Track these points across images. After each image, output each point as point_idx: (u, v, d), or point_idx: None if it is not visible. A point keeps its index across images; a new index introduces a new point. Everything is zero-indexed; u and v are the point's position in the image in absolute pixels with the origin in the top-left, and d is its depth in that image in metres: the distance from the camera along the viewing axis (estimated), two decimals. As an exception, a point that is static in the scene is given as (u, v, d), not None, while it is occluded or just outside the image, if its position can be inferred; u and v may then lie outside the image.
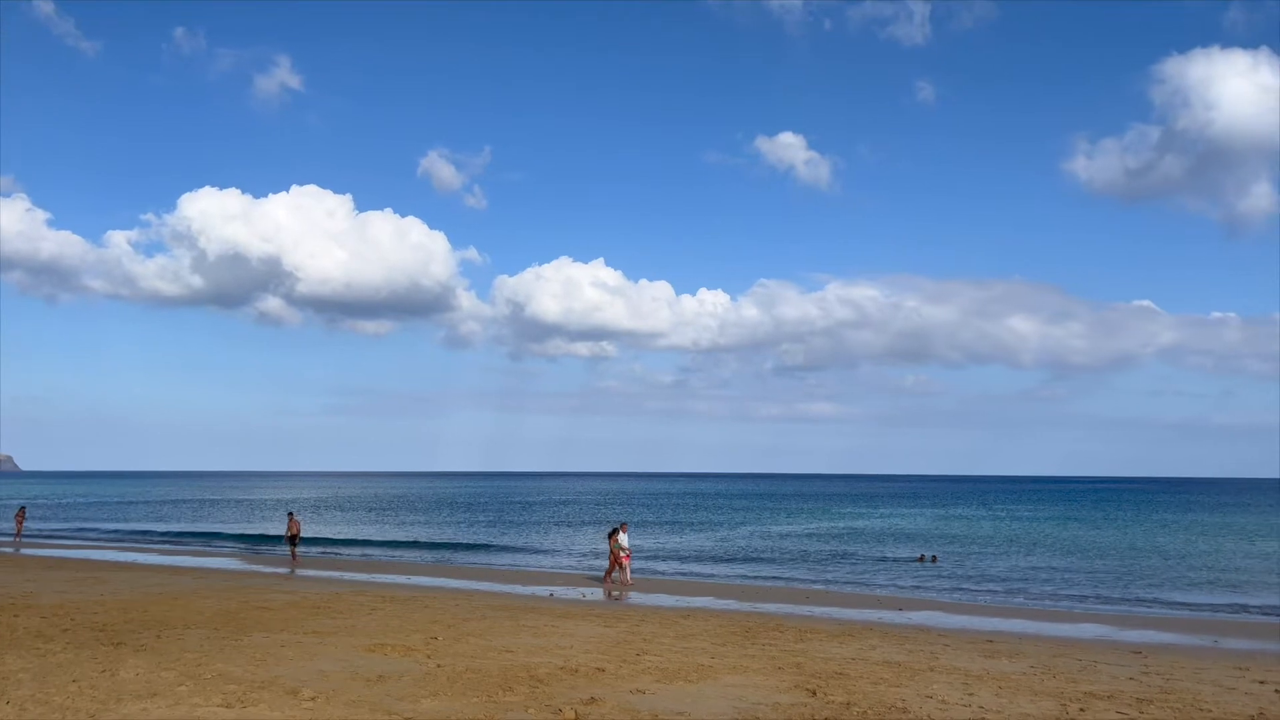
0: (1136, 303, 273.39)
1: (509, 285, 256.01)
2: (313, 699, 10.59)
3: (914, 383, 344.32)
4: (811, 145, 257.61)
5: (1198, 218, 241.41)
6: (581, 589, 25.89)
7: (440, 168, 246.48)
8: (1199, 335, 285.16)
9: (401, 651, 13.84)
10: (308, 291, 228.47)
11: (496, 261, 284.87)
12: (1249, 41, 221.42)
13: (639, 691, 11.39)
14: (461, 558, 39.61)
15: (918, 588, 28.83)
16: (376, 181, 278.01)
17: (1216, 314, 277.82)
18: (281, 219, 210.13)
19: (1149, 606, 25.52)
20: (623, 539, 27.55)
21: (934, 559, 37.32)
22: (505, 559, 38.81)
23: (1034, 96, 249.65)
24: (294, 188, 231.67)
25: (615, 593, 25.48)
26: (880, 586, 29.28)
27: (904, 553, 41.00)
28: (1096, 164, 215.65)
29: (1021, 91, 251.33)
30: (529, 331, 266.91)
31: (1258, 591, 28.80)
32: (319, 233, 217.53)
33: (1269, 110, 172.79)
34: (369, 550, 43.11)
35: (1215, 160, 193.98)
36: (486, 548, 44.44)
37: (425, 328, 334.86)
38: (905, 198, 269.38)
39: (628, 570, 27.40)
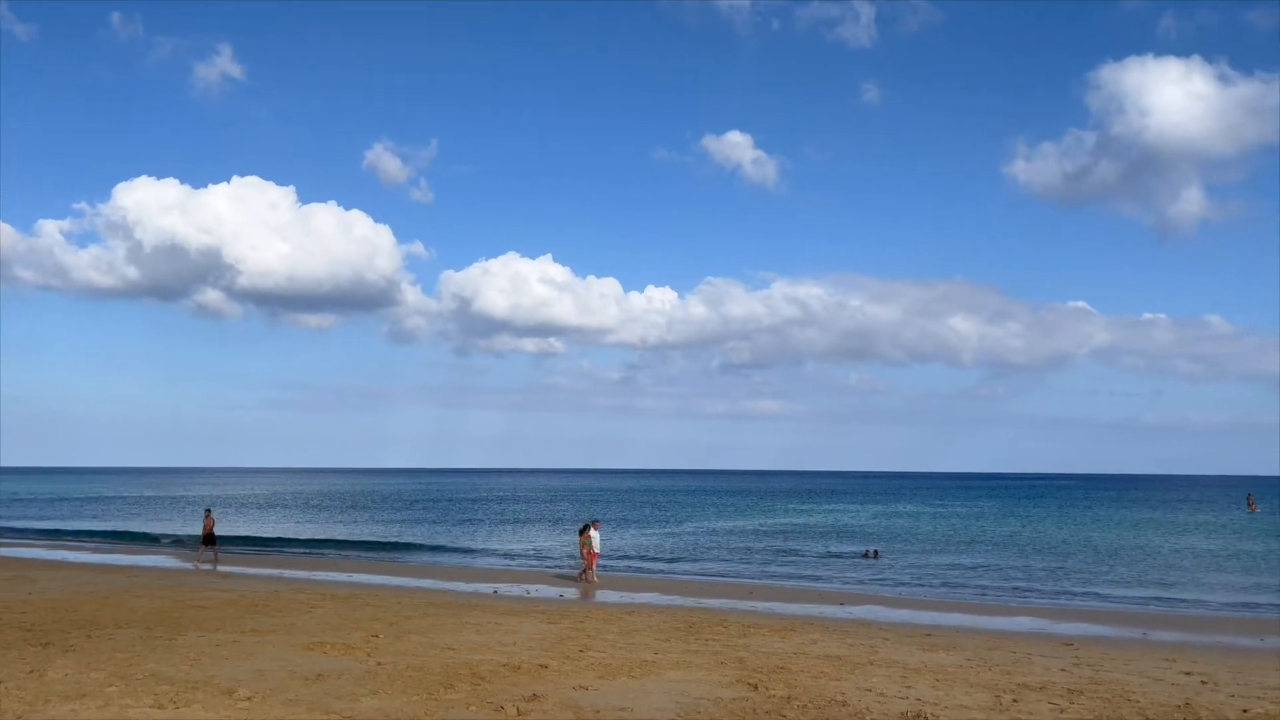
0: (1072, 304, 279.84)
1: (455, 280, 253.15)
2: (249, 699, 10.41)
3: (858, 380, 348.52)
4: (759, 144, 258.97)
5: (1131, 222, 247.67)
6: (526, 585, 25.78)
7: (386, 160, 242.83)
8: (1131, 336, 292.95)
9: (341, 650, 13.67)
10: (249, 284, 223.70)
11: (443, 256, 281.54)
12: (1181, 50, 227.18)
13: (582, 688, 11.38)
14: (405, 555, 39.21)
15: (860, 583, 29.22)
16: (320, 173, 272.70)
17: (1148, 315, 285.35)
18: (222, 210, 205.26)
19: (1081, 600, 26.18)
20: (594, 537, 27.20)
21: (876, 554, 37.83)
22: (449, 556, 38.50)
23: (976, 100, 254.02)
24: (235, 179, 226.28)
25: (585, 590, 25.21)
26: (823, 581, 29.62)
27: (847, 548, 41.51)
28: (1035, 167, 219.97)
29: (964, 95, 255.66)
30: (475, 327, 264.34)
31: (1185, 585, 29.69)
32: (261, 225, 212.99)
33: (1200, 118, 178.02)
34: (310, 548, 42.45)
35: (1148, 166, 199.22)
36: (430, 546, 44.01)
37: (369, 322, 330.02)
38: (850, 198, 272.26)
39: (594, 570, 27.06)
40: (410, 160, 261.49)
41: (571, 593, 24.51)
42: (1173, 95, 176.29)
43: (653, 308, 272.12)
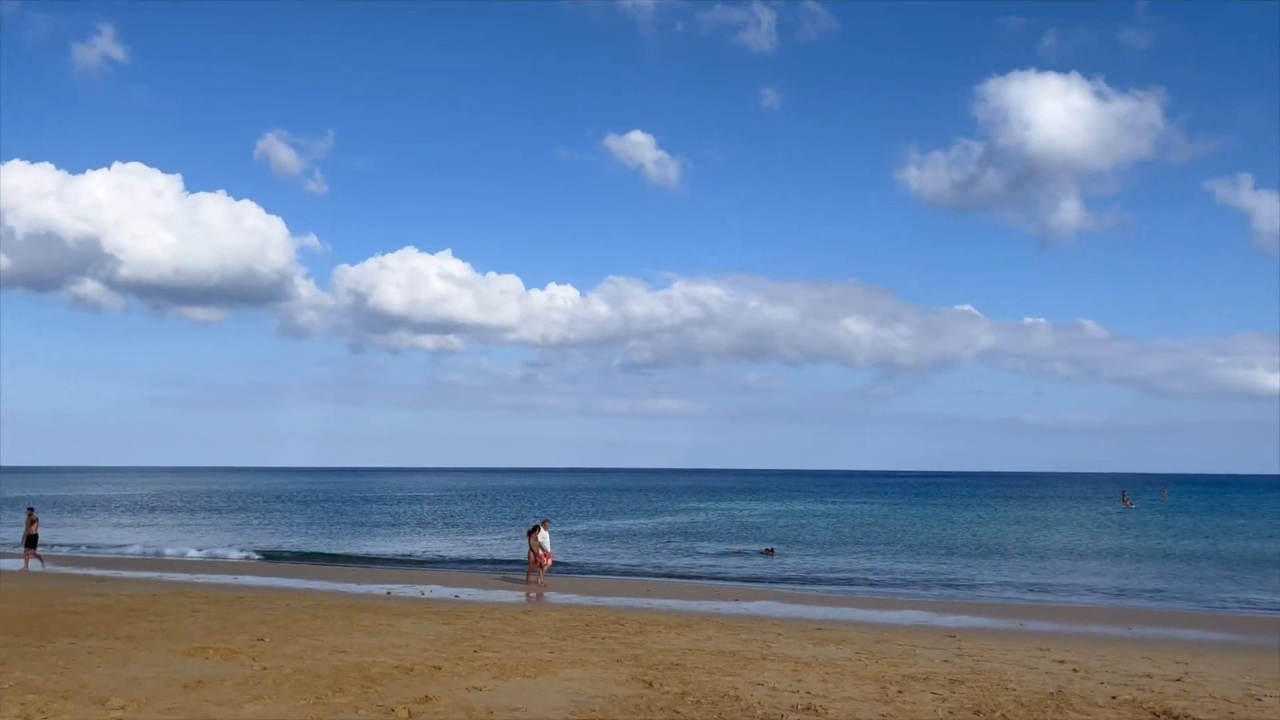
0: (959, 307, 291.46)
1: (350, 274, 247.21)
2: (122, 707, 9.95)
3: (755, 380, 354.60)
4: (661, 145, 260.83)
5: (1014, 230, 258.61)
6: (421, 586, 25.37)
7: (279, 150, 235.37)
8: (1013, 339, 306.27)
9: (224, 654, 13.19)
10: (131, 276, 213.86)
11: (338, 249, 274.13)
12: (1061, 67, 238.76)
13: (475, 688, 11.25)
14: (295, 554, 38.06)
15: (755, 580, 29.69)
16: (209, 162, 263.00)
17: (1029, 320, 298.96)
18: (101, 198, 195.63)
19: (965, 593, 27.17)
20: (544, 537, 26.57)
21: (771, 552, 38.50)
22: (341, 555, 37.57)
23: (871, 108, 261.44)
24: (116, 165, 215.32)
25: (533, 593, 24.69)
26: (720, 578, 30.00)
27: (744, 545, 42.13)
28: (926, 175, 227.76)
29: (860, 102, 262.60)
30: (371, 323, 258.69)
31: (1061, 578, 31.11)
32: (144, 213, 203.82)
33: (1078, 132, 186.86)
34: (196, 550, 40.87)
35: (1031, 177, 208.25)
36: (321, 552, 42.90)
37: (260, 316, 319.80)
38: (749, 200, 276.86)
39: (543, 571, 26.53)
40: (305, 151, 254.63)
41: (467, 593, 24.21)
42: (1053, 110, 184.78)
43: (554, 306, 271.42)
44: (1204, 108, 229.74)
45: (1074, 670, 13.38)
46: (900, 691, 11.51)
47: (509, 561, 34.58)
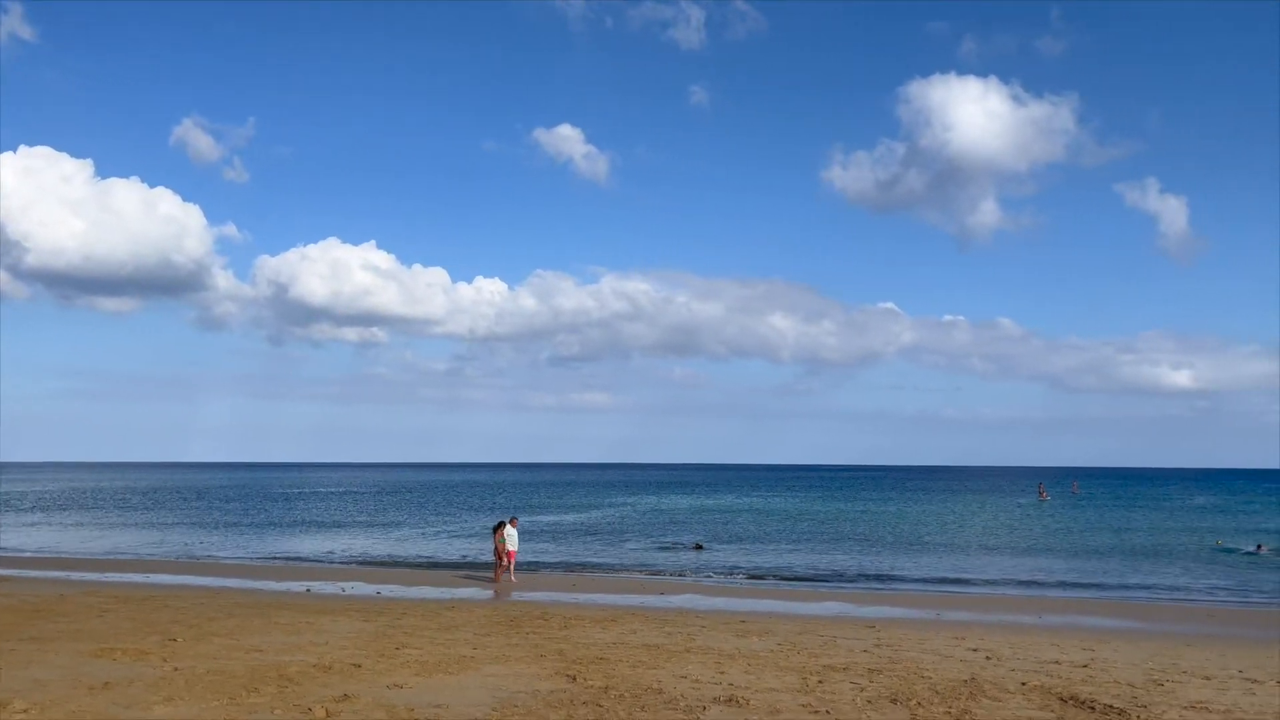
0: (882, 305, 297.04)
1: (271, 265, 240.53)
2: (25, 711, 9.56)
3: (683, 375, 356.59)
4: (590, 139, 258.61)
5: (935, 229, 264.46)
6: (341, 583, 24.93)
7: (196, 137, 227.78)
8: (934, 336, 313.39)
9: (134, 655, 12.77)
10: (37, 264, 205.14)
11: (258, 240, 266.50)
12: (981, 70, 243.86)
13: (396, 686, 11.10)
14: (212, 552, 37.03)
15: (681, 574, 29.87)
16: (122, 147, 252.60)
17: (948, 317, 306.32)
18: (6, 182, 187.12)
19: (885, 584, 27.75)
20: (511, 534, 26.06)
21: (699, 546, 38.80)
22: (260, 552, 36.69)
23: (798, 107, 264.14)
24: (22, 149, 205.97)
25: (499, 590, 24.21)
26: (646, 572, 30.10)
27: (672, 539, 42.35)
28: (850, 174, 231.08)
29: (787, 101, 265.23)
30: (292, 315, 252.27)
31: (977, 568, 31.98)
32: (52, 199, 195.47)
33: (996, 135, 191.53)
34: (105, 548, 39.50)
35: (951, 178, 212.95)
36: (240, 544, 41.85)
37: (176, 307, 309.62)
38: (677, 196, 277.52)
39: (511, 566, 26.02)
40: (224, 138, 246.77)
41: (390, 589, 23.86)
42: (972, 112, 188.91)
43: (482, 299, 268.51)
44: (1114, 113, 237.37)
45: (987, 658, 13.76)
46: (820, 681, 11.70)
47: (439, 555, 34.20)
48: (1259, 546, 38.70)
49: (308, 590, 23.08)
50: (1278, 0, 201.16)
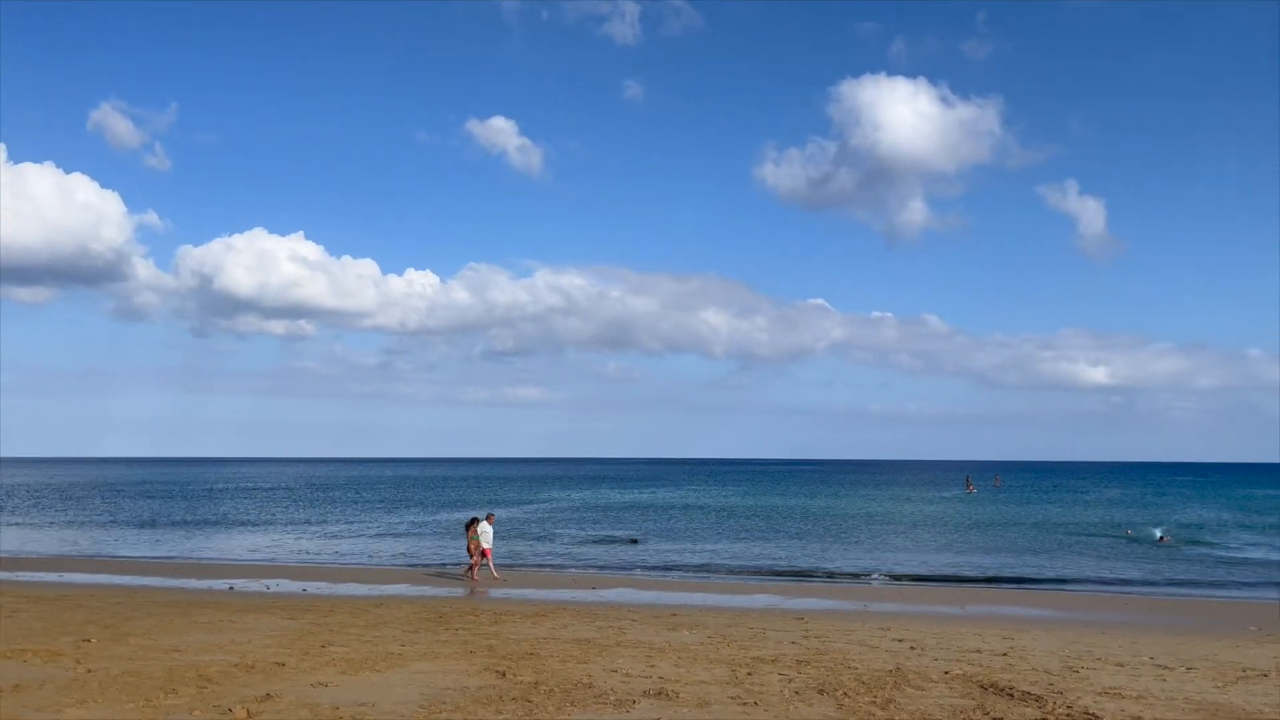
0: (812, 301, 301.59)
1: (194, 255, 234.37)
2: (-76, 718, 9.16)
3: (617, 369, 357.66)
4: (524, 132, 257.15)
5: (864, 227, 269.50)
6: (266, 581, 24.41)
7: (115, 122, 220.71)
8: (862, 332, 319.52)
9: (45, 656, 12.32)
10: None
11: (181, 229, 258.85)
12: (910, 72, 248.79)
13: (321, 684, 10.90)
14: (130, 550, 35.93)
15: (614, 568, 29.90)
16: (35, 131, 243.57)
17: (877, 314, 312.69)
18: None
19: (814, 577, 28.15)
20: (486, 530, 25.39)
21: (634, 540, 38.91)
22: (182, 550, 35.73)
23: (732, 104, 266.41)
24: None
25: (476, 587, 23.67)
26: (578, 567, 30.07)
27: (605, 534, 42.37)
28: (783, 171, 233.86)
29: (721, 98, 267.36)
30: (217, 306, 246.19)
31: (904, 560, 32.63)
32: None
33: (924, 135, 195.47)
34: (13, 546, 38.06)
35: (880, 177, 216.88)
36: (160, 542, 40.68)
37: (93, 298, 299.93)
38: (612, 190, 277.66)
39: (491, 564, 25.43)
40: (145, 124, 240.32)
41: (316, 586, 23.44)
42: (902, 113, 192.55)
43: (413, 291, 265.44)
44: (1037, 117, 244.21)
45: (911, 648, 14.04)
46: (749, 674, 11.81)
47: (361, 550, 33.68)
48: (1162, 536, 40.93)
49: (231, 588, 22.55)
50: (1192, 9, 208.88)
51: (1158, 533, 42.13)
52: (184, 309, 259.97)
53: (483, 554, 25.29)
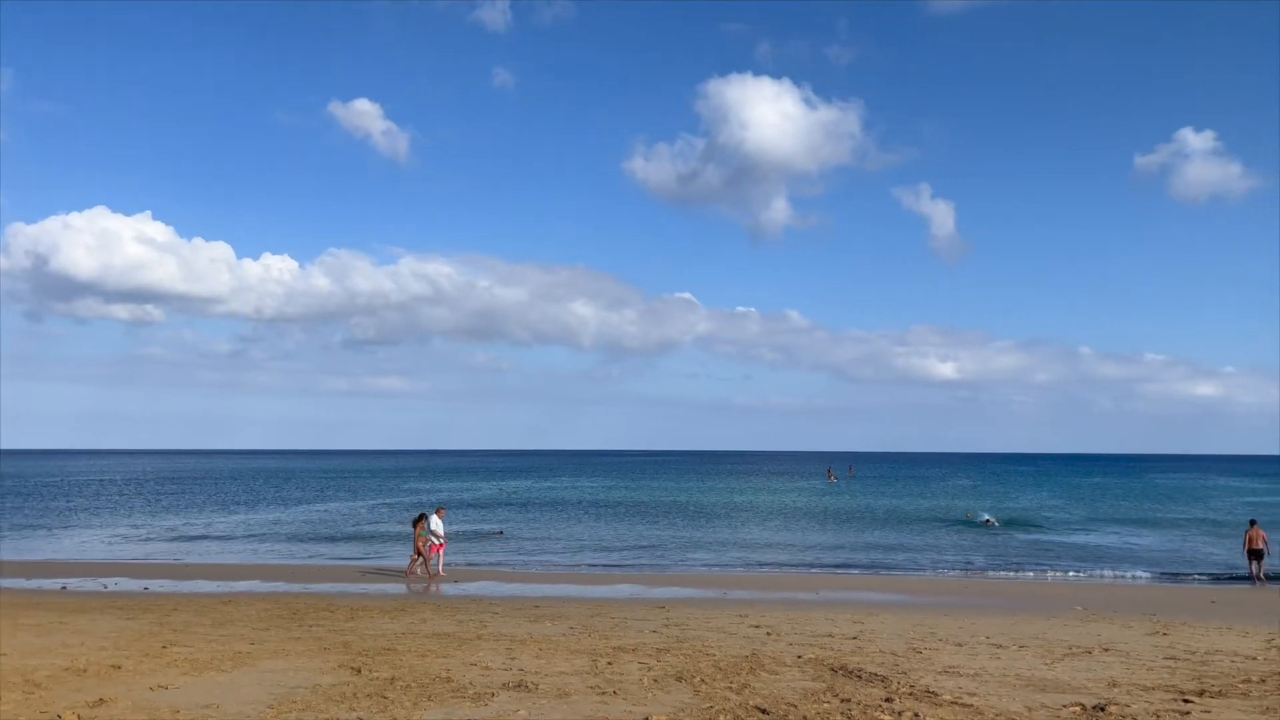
0: (679, 295, 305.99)
1: (27, 234, 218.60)
2: None
3: (484, 360, 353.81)
4: (389, 115, 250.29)
5: (731, 223, 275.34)
6: (103, 579, 23.06)
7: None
8: (727, 326, 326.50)
9: None
10: None
11: (12, 205, 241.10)
12: (775, 73, 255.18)
13: (161, 687, 10.37)
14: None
15: (477, 562, 29.58)
16: None
17: (741, 309, 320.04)
18: None
19: (676, 565, 28.60)
20: (436, 524, 24.30)
21: (500, 533, 38.60)
22: (8, 550, 33.35)
23: (602, 96, 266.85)
24: None
25: (420, 585, 22.54)
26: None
27: (470, 526, 41.86)
28: (652, 166, 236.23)
29: (592, 90, 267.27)
30: (53, 289, 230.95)
31: (764, 548, 33.55)
32: None
33: (788, 135, 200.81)
34: None
35: (746, 175, 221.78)
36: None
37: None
38: (481, 179, 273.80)
39: (441, 560, 24.31)
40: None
41: (158, 585, 22.29)
42: (767, 113, 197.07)
43: (270, 277, 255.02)
44: (894, 121, 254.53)
45: (767, 634, 14.44)
46: (610, 663, 11.90)
47: (204, 542, 32.24)
48: (987, 520, 44.61)
49: (63, 588, 21.22)
50: (1044, 21, 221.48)
51: (985, 516, 45.56)
52: (16, 291, 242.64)
53: (431, 550, 24.43)
